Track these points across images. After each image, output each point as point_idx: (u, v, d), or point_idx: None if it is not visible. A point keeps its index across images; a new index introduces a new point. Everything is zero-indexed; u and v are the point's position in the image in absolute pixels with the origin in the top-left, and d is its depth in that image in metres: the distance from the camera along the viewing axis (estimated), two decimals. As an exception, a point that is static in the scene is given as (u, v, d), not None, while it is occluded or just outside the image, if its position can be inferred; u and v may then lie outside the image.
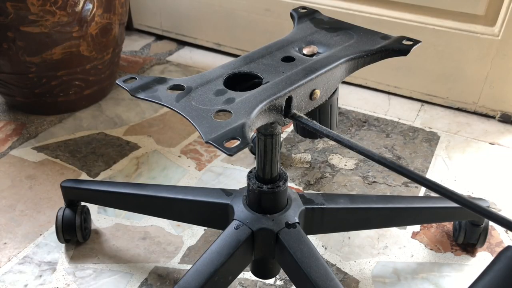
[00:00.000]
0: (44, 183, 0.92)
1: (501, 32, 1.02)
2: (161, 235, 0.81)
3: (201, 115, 0.44)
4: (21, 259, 0.76)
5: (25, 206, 0.86)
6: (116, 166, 0.96)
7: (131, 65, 1.36)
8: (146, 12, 1.48)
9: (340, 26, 0.61)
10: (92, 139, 1.04)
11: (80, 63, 1.06)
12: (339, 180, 0.93)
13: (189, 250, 0.78)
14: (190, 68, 1.34)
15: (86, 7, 1.00)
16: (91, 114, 1.13)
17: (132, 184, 0.75)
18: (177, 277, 0.73)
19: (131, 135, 1.06)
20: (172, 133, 1.07)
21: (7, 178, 0.93)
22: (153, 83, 0.49)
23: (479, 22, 1.05)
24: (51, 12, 0.96)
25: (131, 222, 0.83)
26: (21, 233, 0.81)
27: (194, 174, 0.95)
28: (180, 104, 0.46)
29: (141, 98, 0.48)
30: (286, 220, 0.60)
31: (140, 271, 0.74)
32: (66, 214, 0.76)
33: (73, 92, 1.11)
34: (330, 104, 0.59)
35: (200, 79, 0.50)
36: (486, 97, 1.11)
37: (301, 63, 0.52)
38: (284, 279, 0.73)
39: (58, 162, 0.97)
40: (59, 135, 1.06)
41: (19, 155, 0.99)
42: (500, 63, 1.05)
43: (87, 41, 1.04)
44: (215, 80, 0.50)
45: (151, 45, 1.47)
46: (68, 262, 0.76)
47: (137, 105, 1.16)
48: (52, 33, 0.98)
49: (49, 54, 1.01)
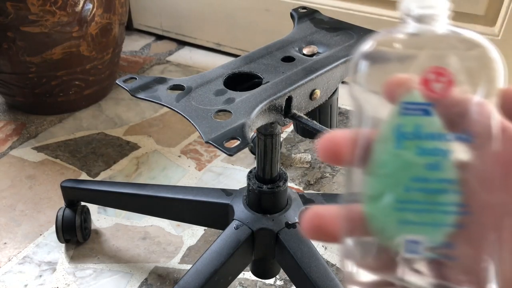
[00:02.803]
0: (44, 183, 0.92)
1: (501, 32, 1.02)
2: (161, 235, 0.81)
3: (201, 115, 0.44)
4: (21, 259, 0.76)
5: (25, 206, 0.86)
6: (116, 166, 0.96)
7: (131, 65, 1.36)
8: (146, 12, 1.48)
9: (340, 26, 0.61)
10: (92, 139, 1.04)
11: (80, 63, 1.06)
12: (339, 180, 0.93)
13: (189, 250, 0.78)
14: (190, 68, 1.34)
15: (86, 7, 1.00)
16: (91, 114, 1.13)
17: (132, 184, 0.75)
18: (177, 277, 0.73)
19: (131, 135, 1.06)
20: (172, 133, 1.07)
21: (7, 178, 0.93)
22: (153, 83, 0.49)
23: (479, 22, 1.05)
24: (51, 12, 0.95)
25: (131, 222, 0.83)
26: (21, 233, 0.81)
27: (194, 174, 0.95)
28: (180, 104, 0.46)
29: (141, 98, 0.48)
30: (286, 220, 0.60)
31: (140, 271, 0.74)
32: (66, 214, 0.76)
33: (73, 92, 1.10)
34: (330, 104, 0.59)
35: (200, 79, 0.50)
36: (486, 97, 1.11)
37: (301, 63, 0.52)
38: (284, 279, 0.73)
39: (58, 162, 0.97)
40: (59, 135, 1.06)
41: (19, 155, 0.99)
42: (500, 63, 1.05)
43: (87, 41, 1.04)
44: (215, 80, 0.50)
45: (151, 45, 1.47)
46: (68, 262, 0.76)
47: (137, 105, 1.16)
48: (52, 33, 0.98)
49: (49, 54, 1.01)
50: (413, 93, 0.23)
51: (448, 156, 0.22)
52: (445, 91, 0.22)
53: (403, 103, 0.23)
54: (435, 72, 0.22)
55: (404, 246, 0.23)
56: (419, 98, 0.23)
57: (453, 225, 0.22)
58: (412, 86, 0.23)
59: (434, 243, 0.22)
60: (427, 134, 0.22)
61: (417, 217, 0.23)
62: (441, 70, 0.22)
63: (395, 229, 0.23)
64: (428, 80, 0.22)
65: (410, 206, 0.23)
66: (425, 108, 0.22)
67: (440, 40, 0.23)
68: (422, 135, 0.22)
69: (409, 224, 0.23)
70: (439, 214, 0.23)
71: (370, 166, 0.23)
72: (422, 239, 0.23)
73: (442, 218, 0.23)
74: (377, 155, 0.23)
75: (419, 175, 0.22)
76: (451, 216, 0.22)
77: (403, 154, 0.23)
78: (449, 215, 0.22)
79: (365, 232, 0.23)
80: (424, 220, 0.23)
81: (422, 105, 0.23)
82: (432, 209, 0.23)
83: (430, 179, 0.22)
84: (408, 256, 0.23)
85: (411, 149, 0.22)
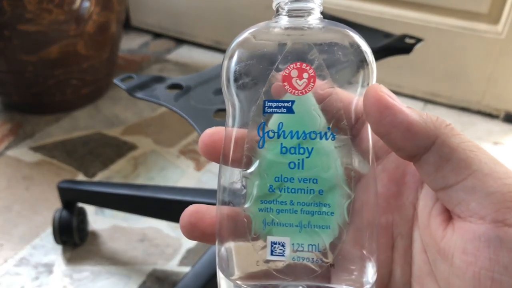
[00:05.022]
0: (40, 183, 0.91)
1: (504, 30, 1.01)
2: (159, 237, 0.80)
3: (200, 115, 0.43)
4: (17, 261, 0.75)
5: (21, 207, 0.85)
6: (114, 166, 0.95)
7: (129, 63, 1.35)
8: (145, 10, 1.47)
9: (342, 23, 0.59)
10: (89, 139, 1.03)
11: (77, 61, 1.05)
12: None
13: (188, 252, 0.77)
14: (189, 66, 1.33)
15: (83, 5, 0.99)
16: (88, 114, 1.12)
17: (129, 185, 0.74)
18: (175, 280, 0.72)
19: (129, 135, 1.05)
20: (171, 133, 1.06)
21: (3, 179, 0.92)
22: (152, 82, 0.49)
23: (483, 21, 1.04)
24: (48, 10, 0.94)
25: (128, 224, 0.82)
26: (18, 235, 0.80)
27: (193, 174, 0.94)
28: (178, 104, 0.45)
29: (139, 98, 0.47)
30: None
31: (138, 273, 0.73)
32: (63, 215, 0.75)
33: (70, 91, 1.09)
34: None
35: (199, 78, 0.50)
36: (490, 97, 1.10)
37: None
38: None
39: (55, 162, 0.96)
40: (56, 135, 1.05)
41: (15, 156, 0.98)
42: (504, 61, 1.04)
43: (84, 39, 1.03)
44: (214, 79, 0.49)
45: (150, 44, 1.46)
46: (65, 264, 0.75)
47: (135, 104, 1.15)
48: (49, 32, 0.97)
49: (46, 52, 1.00)
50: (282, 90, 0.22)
51: (313, 154, 0.21)
52: (306, 87, 0.21)
53: (265, 101, 0.22)
54: (297, 68, 0.22)
55: (268, 249, 0.21)
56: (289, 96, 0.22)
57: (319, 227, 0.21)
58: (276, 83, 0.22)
59: (300, 246, 0.21)
60: (289, 132, 0.22)
61: (281, 218, 0.21)
62: (303, 66, 0.21)
63: (261, 231, 0.22)
64: (290, 77, 0.22)
65: (275, 207, 0.22)
66: (286, 106, 0.22)
67: (309, 34, 0.22)
68: (284, 134, 0.22)
69: (274, 225, 0.22)
70: (304, 215, 0.21)
71: (242, 166, 0.22)
72: (286, 241, 0.21)
73: (307, 220, 0.21)
74: (246, 155, 0.22)
75: (282, 175, 0.21)
76: (318, 218, 0.21)
77: (266, 154, 0.22)
78: (315, 216, 0.21)
79: (241, 235, 0.22)
80: (288, 222, 0.21)
81: (283, 102, 0.22)
82: (297, 209, 0.21)
83: (293, 178, 0.21)
84: (272, 258, 0.21)
85: (275, 148, 0.22)
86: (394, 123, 0.20)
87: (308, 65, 0.22)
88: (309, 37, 0.22)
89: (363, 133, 0.22)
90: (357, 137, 0.22)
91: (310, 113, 0.22)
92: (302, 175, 0.21)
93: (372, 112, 0.21)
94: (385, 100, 0.21)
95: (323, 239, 0.21)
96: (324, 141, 0.21)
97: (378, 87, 0.21)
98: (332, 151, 0.21)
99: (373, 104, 0.21)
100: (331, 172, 0.21)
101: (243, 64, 0.22)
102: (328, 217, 0.21)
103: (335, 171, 0.21)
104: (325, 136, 0.21)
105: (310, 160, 0.21)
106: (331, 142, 0.21)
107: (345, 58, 0.22)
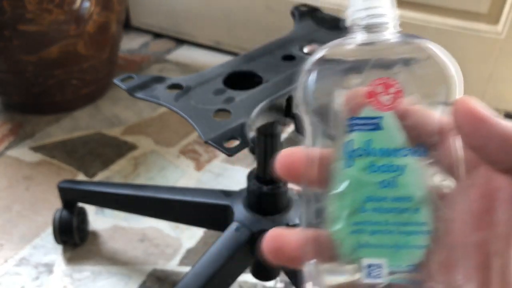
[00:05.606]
0: (41, 183, 0.91)
1: (504, 30, 1.01)
2: (160, 237, 0.80)
3: (200, 115, 0.43)
4: (18, 261, 0.75)
5: (22, 207, 0.85)
6: (114, 166, 0.95)
7: (129, 63, 1.35)
8: (145, 10, 1.47)
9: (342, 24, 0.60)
10: (89, 139, 1.03)
11: (77, 62, 1.05)
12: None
13: (188, 252, 0.77)
14: (189, 66, 1.33)
15: (84, 5, 0.99)
16: (89, 114, 1.12)
17: (130, 185, 0.74)
18: (176, 280, 0.72)
19: (129, 135, 1.05)
20: (171, 133, 1.06)
21: (4, 179, 0.92)
22: (152, 82, 0.49)
23: (482, 21, 1.04)
24: (48, 10, 0.94)
25: (129, 224, 0.82)
26: (18, 235, 0.80)
27: (193, 174, 0.94)
28: (179, 104, 0.45)
29: (139, 98, 0.47)
30: (287, 222, 0.59)
31: (138, 273, 0.73)
32: (63, 215, 0.75)
33: (70, 91, 1.09)
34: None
35: (199, 78, 0.49)
36: (489, 97, 1.10)
37: (302, 62, 0.51)
38: (284, 281, 0.72)
39: (55, 162, 0.96)
40: (56, 135, 1.05)
41: (15, 156, 0.98)
42: (503, 62, 1.04)
43: (84, 39, 1.03)
44: (214, 79, 0.49)
45: (150, 44, 1.46)
46: (65, 264, 0.75)
47: (135, 104, 1.15)
48: (49, 32, 0.97)
49: (46, 53, 1.00)
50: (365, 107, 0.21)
51: (405, 172, 0.20)
52: (394, 103, 0.21)
53: (349, 119, 0.21)
54: (382, 84, 0.21)
55: (364, 271, 0.21)
56: (371, 112, 0.21)
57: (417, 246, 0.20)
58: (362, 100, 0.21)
59: (397, 267, 0.20)
60: (378, 150, 0.21)
61: (375, 240, 0.21)
62: (389, 81, 0.21)
63: (353, 253, 0.21)
64: (375, 92, 0.21)
65: (368, 228, 0.21)
66: (374, 123, 0.21)
67: (388, 49, 0.22)
68: (373, 152, 0.21)
69: (368, 247, 0.21)
70: (400, 235, 0.20)
71: (327, 187, 0.21)
72: (383, 263, 0.21)
73: (403, 240, 0.20)
74: (332, 175, 0.21)
75: (373, 194, 0.21)
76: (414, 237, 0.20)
77: (354, 173, 0.21)
78: (412, 236, 0.20)
79: (328, 257, 0.21)
80: (383, 243, 0.21)
81: (370, 119, 0.21)
82: (392, 230, 0.21)
83: (386, 198, 0.21)
84: (368, 281, 0.21)
85: (363, 167, 0.21)
86: (489, 136, 0.20)
87: (394, 80, 0.21)
88: (389, 51, 0.22)
89: (449, 148, 0.21)
90: (443, 152, 0.21)
91: (398, 129, 0.21)
92: (396, 194, 0.21)
93: (465, 125, 0.20)
94: (478, 112, 0.20)
95: (420, 258, 0.21)
96: (415, 158, 0.21)
97: (468, 99, 0.21)
98: (423, 167, 0.21)
99: (465, 117, 0.20)
100: (424, 190, 0.21)
101: (322, 83, 0.22)
102: (425, 236, 0.21)
103: (427, 188, 0.21)
104: (417, 153, 0.21)
105: (403, 178, 0.21)
106: (421, 158, 0.21)
107: (426, 72, 0.21)
